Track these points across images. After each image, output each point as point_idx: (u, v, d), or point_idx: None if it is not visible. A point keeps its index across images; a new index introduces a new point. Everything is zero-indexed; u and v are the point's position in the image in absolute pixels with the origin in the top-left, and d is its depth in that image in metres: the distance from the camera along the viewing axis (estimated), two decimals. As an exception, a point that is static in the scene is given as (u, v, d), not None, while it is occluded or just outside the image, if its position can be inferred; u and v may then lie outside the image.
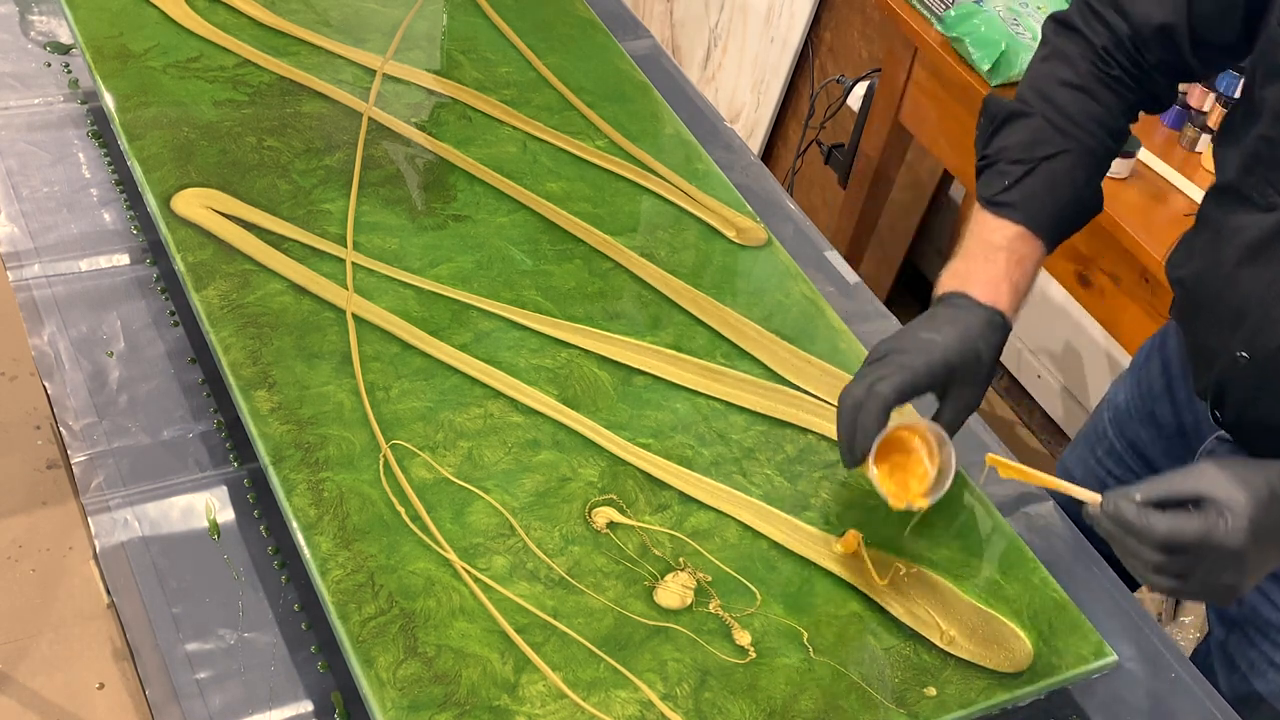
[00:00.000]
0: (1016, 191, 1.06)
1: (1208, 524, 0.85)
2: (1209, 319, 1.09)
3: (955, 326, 1.01)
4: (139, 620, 0.96)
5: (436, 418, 1.06)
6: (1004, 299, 1.04)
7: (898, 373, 0.97)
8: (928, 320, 1.02)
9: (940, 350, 0.99)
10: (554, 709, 0.89)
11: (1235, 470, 0.88)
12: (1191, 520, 0.86)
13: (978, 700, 0.96)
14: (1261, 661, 1.18)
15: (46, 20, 1.49)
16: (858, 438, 0.97)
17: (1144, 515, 0.87)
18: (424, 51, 1.46)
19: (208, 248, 1.16)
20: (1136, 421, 1.30)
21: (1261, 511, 0.86)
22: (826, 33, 2.59)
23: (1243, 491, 0.86)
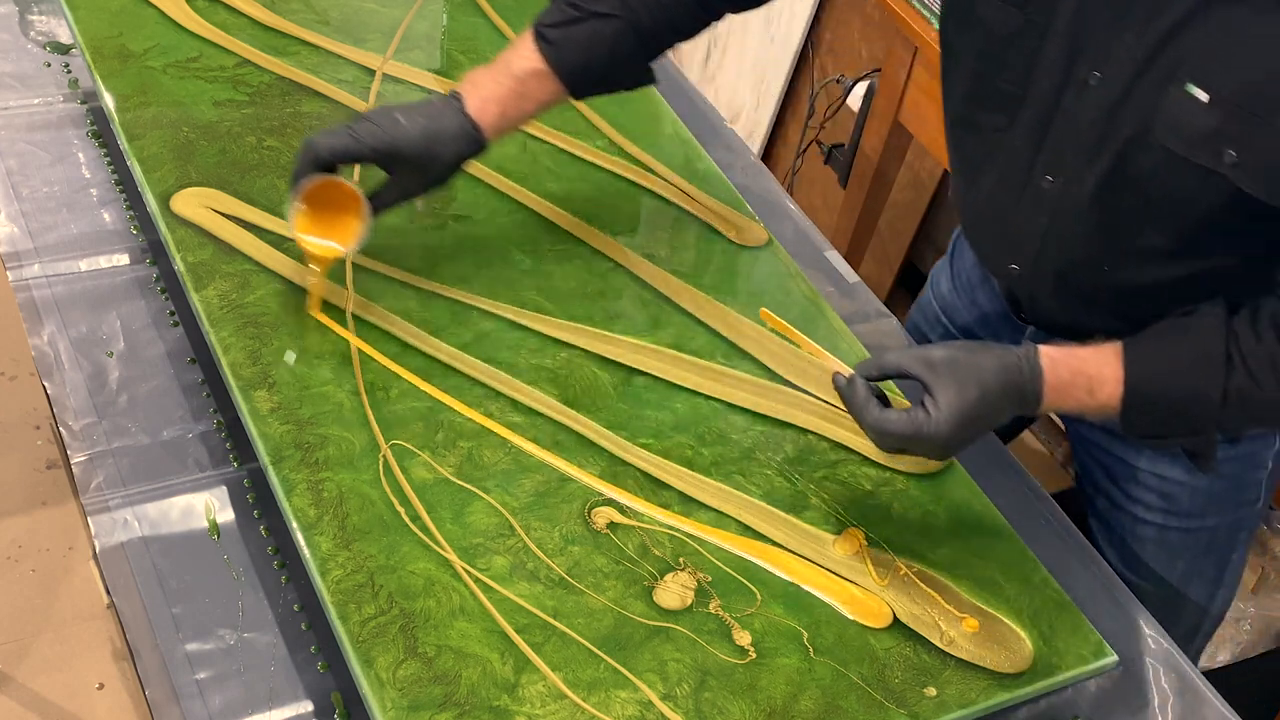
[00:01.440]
0: (558, 32, 1.12)
1: (915, 422, 0.94)
2: (979, 236, 1.19)
3: (430, 121, 1.09)
4: (139, 620, 0.96)
5: (436, 418, 1.06)
6: (490, 118, 1.11)
7: (343, 135, 1.07)
8: (416, 104, 1.10)
9: (399, 132, 1.07)
10: (554, 709, 0.89)
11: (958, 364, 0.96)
12: (901, 417, 0.95)
13: (978, 700, 0.96)
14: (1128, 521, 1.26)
15: (46, 20, 1.49)
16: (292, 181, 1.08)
17: (866, 404, 0.96)
18: (424, 51, 1.46)
19: (207, 248, 1.16)
20: (963, 308, 1.35)
21: (967, 408, 0.94)
22: (826, 33, 2.59)
23: (953, 389, 0.94)
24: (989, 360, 0.97)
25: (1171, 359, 0.99)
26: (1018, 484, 1.22)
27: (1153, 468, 1.23)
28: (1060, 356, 0.99)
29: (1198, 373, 0.98)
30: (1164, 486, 1.24)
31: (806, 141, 2.64)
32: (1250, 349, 0.97)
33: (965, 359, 0.96)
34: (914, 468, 1.12)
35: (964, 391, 0.95)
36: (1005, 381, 0.96)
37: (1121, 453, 1.25)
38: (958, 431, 0.95)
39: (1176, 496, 1.24)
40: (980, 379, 0.95)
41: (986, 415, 0.96)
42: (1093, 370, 0.99)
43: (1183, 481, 1.22)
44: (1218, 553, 1.29)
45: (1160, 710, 1.07)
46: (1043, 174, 1.05)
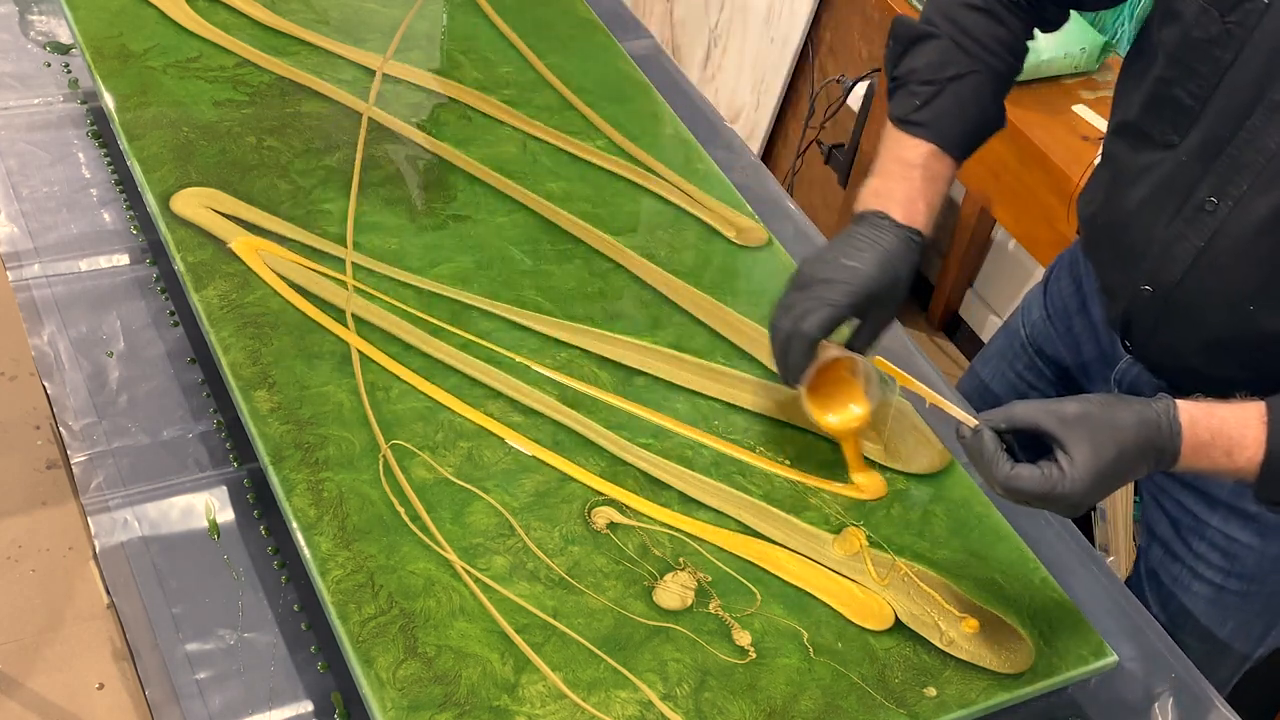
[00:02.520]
0: (927, 111, 1.11)
1: (1049, 481, 0.90)
2: (1114, 254, 1.14)
3: (875, 251, 1.05)
4: (139, 620, 0.96)
5: (436, 418, 1.06)
6: (920, 217, 1.09)
7: (821, 308, 1.02)
8: (848, 242, 1.06)
9: (862, 278, 1.04)
10: (554, 709, 0.89)
11: (1094, 421, 0.91)
12: (1034, 474, 0.90)
13: (978, 700, 0.96)
14: (1185, 575, 1.23)
15: (46, 20, 1.49)
16: (789, 375, 1.05)
17: (996, 459, 0.92)
18: (424, 51, 1.46)
19: (207, 248, 1.16)
20: (1054, 338, 1.32)
21: (1104, 468, 0.90)
22: (826, 33, 2.59)
23: (1090, 448, 0.90)
24: (1128, 417, 0.92)
25: None
26: (1018, 484, 1.22)
27: (1224, 527, 1.19)
28: (1200, 415, 0.94)
29: None
30: (1231, 548, 1.20)
31: (806, 141, 2.64)
32: None
33: (1101, 415, 0.92)
34: (914, 468, 1.12)
35: (1101, 450, 0.90)
36: (1143, 439, 0.92)
37: (1194, 507, 1.21)
38: (1093, 491, 0.91)
39: (1242, 559, 1.20)
40: (1118, 437, 0.91)
41: (1122, 474, 0.92)
42: (1234, 432, 0.94)
43: (1253, 546, 1.19)
44: (1270, 614, 1.26)
45: (1160, 710, 1.07)
46: (1207, 195, 1.01)
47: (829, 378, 1.07)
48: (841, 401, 1.09)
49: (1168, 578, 1.26)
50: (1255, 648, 1.29)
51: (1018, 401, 0.95)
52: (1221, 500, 1.18)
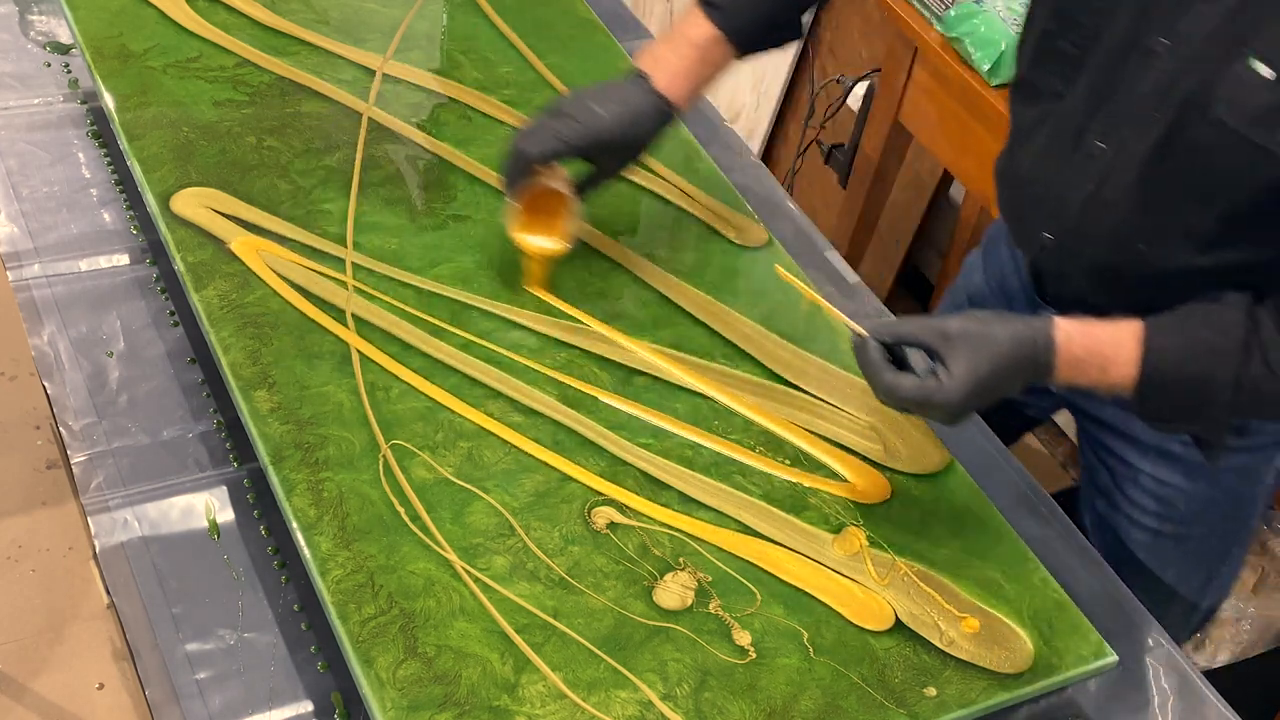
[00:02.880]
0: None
1: (925, 390, 0.96)
2: (1020, 206, 1.18)
3: (625, 106, 1.13)
4: (139, 620, 0.96)
5: (436, 418, 1.06)
6: (680, 92, 1.16)
7: (549, 139, 1.11)
8: (605, 90, 1.14)
9: (598, 126, 1.12)
10: (554, 709, 0.89)
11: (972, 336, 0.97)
12: (913, 383, 0.97)
13: (978, 700, 0.96)
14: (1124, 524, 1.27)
15: (46, 20, 1.49)
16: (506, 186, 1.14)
17: (880, 366, 0.98)
18: (424, 51, 1.46)
19: (207, 248, 1.16)
20: (989, 296, 1.35)
21: (980, 379, 0.96)
22: (826, 33, 2.59)
23: (967, 360, 0.96)
24: (1004, 333, 0.97)
25: (1189, 343, 0.98)
26: (1018, 484, 1.22)
27: (1155, 472, 1.23)
28: (1076, 332, 0.99)
29: (1214, 358, 0.97)
30: (1163, 491, 1.24)
31: (806, 141, 2.64)
32: (1270, 338, 0.97)
33: (979, 331, 0.97)
34: (914, 468, 1.12)
35: (977, 364, 0.96)
36: (1019, 354, 0.97)
37: (1126, 454, 1.25)
38: (967, 400, 0.96)
39: (1174, 502, 1.24)
40: (994, 352, 0.97)
41: (998, 386, 0.97)
42: (1108, 350, 0.99)
43: (1182, 489, 1.22)
44: (1208, 564, 1.29)
45: (1160, 710, 1.07)
46: (1094, 139, 1.05)
47: (545, 206, 1.16)
48: (545, 229, 1.17)
49: (1110, 527, 1.29)
50: (1201, 596, 1.32)
51: (907, 317, 1.01)
52: (1151, 445, 1.22)
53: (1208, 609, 1.35)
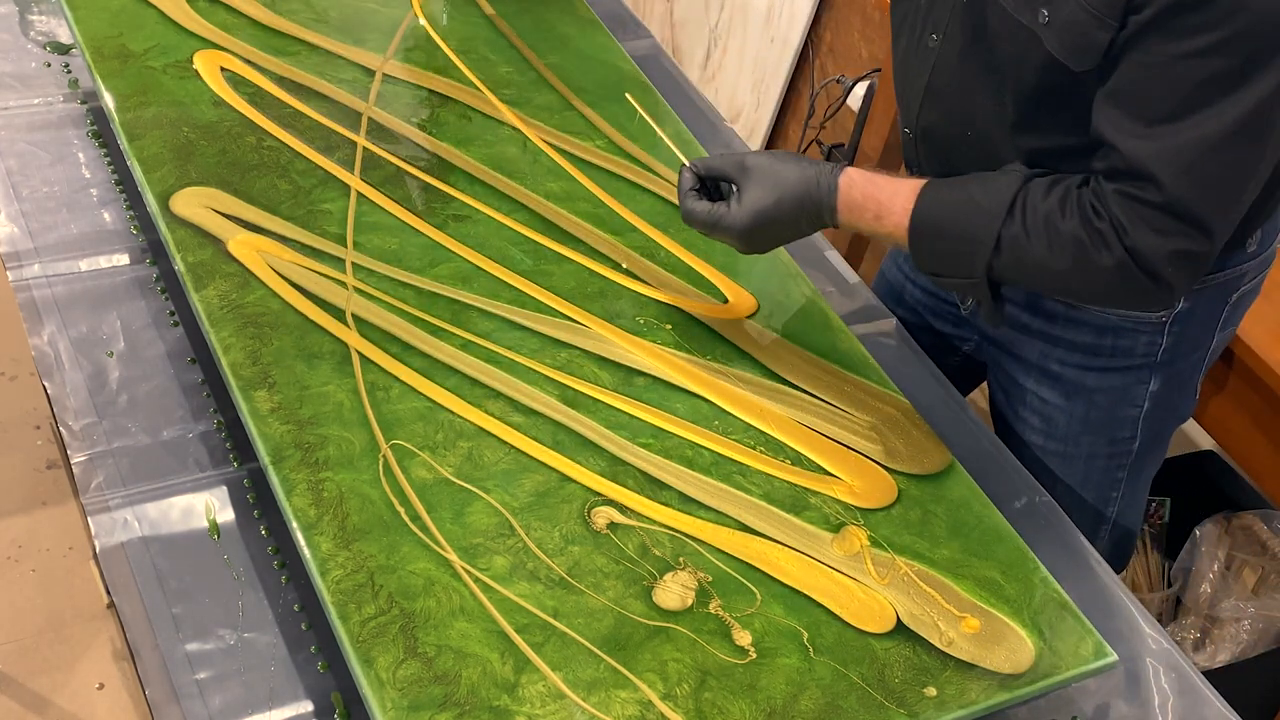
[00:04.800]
0: None
1: (715, 214, 1.10)
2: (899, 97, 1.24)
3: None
4: (139, 620, 0.96)
5: (436, 418, 1.06)
6: None
7: None
8: None
9: None
10: (554, 709, 0.89)
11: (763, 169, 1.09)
12: (705, 208, 1.11)
13: (978, 700, 0.96)
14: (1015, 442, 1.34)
15: (46, 20, 1.49)
16: None
17: (686, 191, 1.13)
18: (424, 51, 1.46)
19: (207, 248, 1.16)
20: None
21: (763, 210, 1.08)
22: (826, 33, 2.59)
23: (755, 191, 1.09)
24: (792, 171, 1.09)
25: (959, 200, 1.05)
26: (1018, 484, 1.22)
27: (1037, 390, 1.29)
28: (860, 179, 1.08)
29: (979, 216, 1.04)
30: (1044, 409, 1.29)
31: (806, 141, 2.64)
32: (1034, 204, 1.02)
33: (772, 166, 1.09)
34: (914, 468, 1.12)
35: (763, 194, 1.08)
36: (801, 191, 1.08)
37: (1015, 373, 1.31)
38: (752, 228, 1.09)
39: (1054, 419, 1.29)
40: (780, 185, 1.08)
41: (782, 219, 1.09)
42: (884, 198, 1.08)
43: (1060, 406, 1.28)
44: (1094, 489, 1.34)
45: (1160, 710, 1.07)
46: (930, 33, 1.12)
47: None
48: None
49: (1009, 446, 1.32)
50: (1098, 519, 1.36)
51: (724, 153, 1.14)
52: (1035, 365, 1.28)
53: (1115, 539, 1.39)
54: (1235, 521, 1.78)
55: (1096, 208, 1.00)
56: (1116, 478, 1.34)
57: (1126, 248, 0.99)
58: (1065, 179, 1.04)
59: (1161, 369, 1.24)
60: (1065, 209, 1.01)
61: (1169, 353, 1.23)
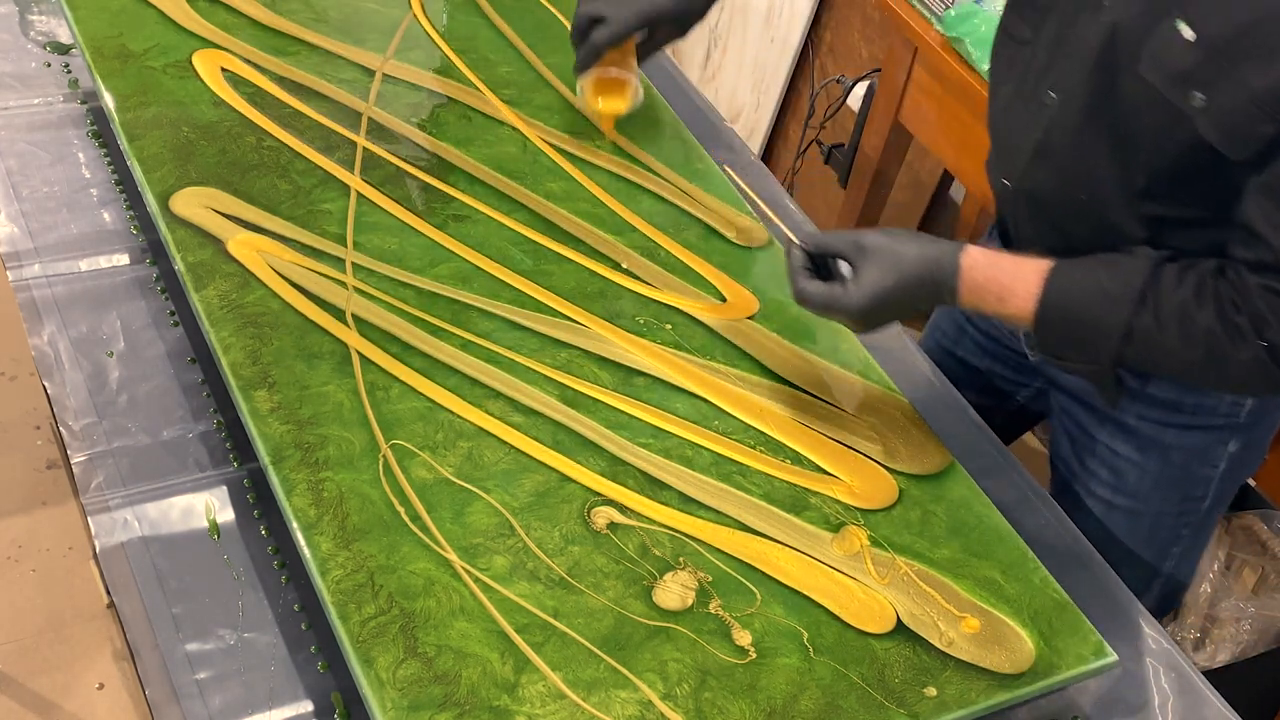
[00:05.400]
0: None
1: (832, 296, 1.06)
2: (993, 153, 1.22)
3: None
4: (139, 620, 0.96)
5: (436, 418, 1.06)
6: None
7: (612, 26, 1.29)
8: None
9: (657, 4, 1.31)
10: (554, 709, 0.89)
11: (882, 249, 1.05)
12: (820, 289, 1.06)
13: (978, 700, 0.96)
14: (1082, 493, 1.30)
15: (46, 20, 1.49)
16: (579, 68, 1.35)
17: (797, 270, 1.08)
18: (424, 51, 1.46)
19: (207, 248, 1.16)
20: None
21: (882, 292, 1.04)
22: (826, 33, 2.59)
23: (874, 272, 1.04)
24: (912, 251, 1.05)
25: (1088, 286, 1.03)
26: (1018, 484, 1.22)
27: (1110, 443, 1.26)
28: (982, 262, 1.05)
29: (1110, 303, 1.02)
30: (1115, 462, 1.26)
31: (806, 141, 2.64)
32: (1167, 293, 1.00)
33: (890, 245, 1.05)
34: (914, 468, 1.12)
35: (882, 275, 1.04)
36: (924, 272, 1.04)
37: (1085, 422, 1.28)
38: (870, 308, 1.05)
39: (1125, 474, 1.26)
40: (900, 266, 1.04)
41: (902, 301, 1.05)
42: (1008, 281, 1.05)
43: (1134, 461, 1.25)
44: (1157, 545, 1.31)
45: (1160, 710, 1.07)
46: (1048, 88, 1.08)
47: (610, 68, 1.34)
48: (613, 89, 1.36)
49: (1070, 498, 1.31)
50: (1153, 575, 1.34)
51: (834, 231, 1.10)
52: (1108, 416, 1.24)
53: (1165, 592, 1.36)
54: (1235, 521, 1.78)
55: (1236, 301, 0.97)
56: (1180, 534, 1.31)
57: (1266, 342, 0.96)
58: (1197, 265, 1.01)
59: (1243, 431, 1.21)
60: (1200, 299, 0.99)
61: (1252, 415, 1.20)
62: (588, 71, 1.34)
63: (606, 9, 1.28)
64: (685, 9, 1.32)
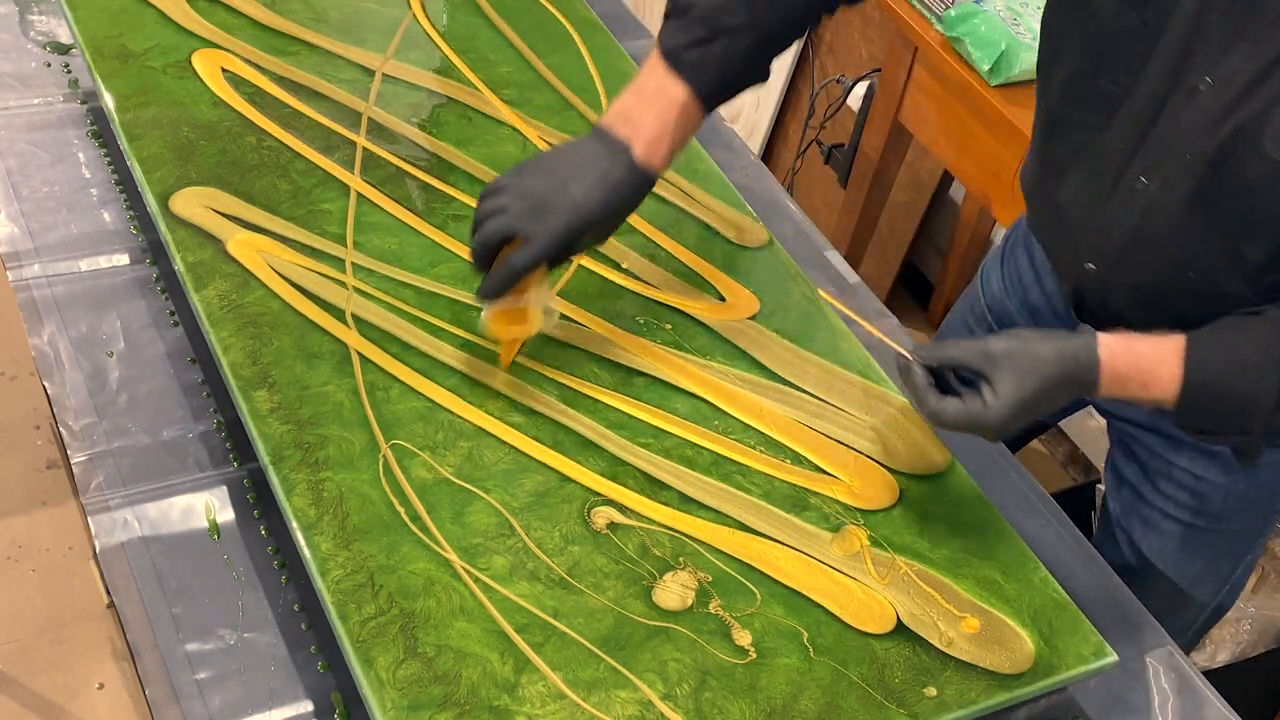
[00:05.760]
0: (695, 54, 1.06)
1: (972, 413, 0.98)
2: (1056, 236, 1.18)
3: (605, 185, 1.04)
4: (139, 620, 0.96)
5: (436, 418, 1.06)
6: (660, 159, 1.06)
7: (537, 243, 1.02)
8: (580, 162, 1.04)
9: (585, 215, 1.03)
10: (554, 709, 0.89)
11: (1017, 357, 0.98)
12: (958, 407, 0.98)
13: (978, 700, 0.96)
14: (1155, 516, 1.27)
15: (46, 20, 1.49)
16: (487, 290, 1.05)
17: (925, 391, 1.00)
18: (424, 51, 1.46)
19: (207, 248, 1.16)
20: (1013, 310, 1.34)
21: (1025, 399, 0.97)
22: (826, 33, 2.59)
23: (1012, 382, 0.97)
24: (1049, 352, 0.98)
25: (1230, 361, 1.00)
26: (1018, 484, 1.22)
27: (1191, 466, 1.23)
28: (1120, 350, 1.00)
29: (1254, 375, 0.99)
30: (1199, 486, 1.23)
31: (806, 141, 2.64)
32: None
33: (1024, 351, 0.98)
34: (914, 468, 1.12)
35: (1022, 384, 0.97)
36: (1063, 373, 0.98)
37: (1161, 450, 1.24)
38: (1013, 419, 0.98)
39: (1209, 497, 1.23)
40: (1040, 371, 0.98)
41: (1042, 403, 0.99)
42: (1149, 366, 1.00)
43: (1219, 484, 1.22)
44: (1235, 556, 1.30)
45: (1160, 710, 1.07)
46: (1138, 175, 1.05)
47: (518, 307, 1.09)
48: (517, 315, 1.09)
49: (1137, 520, 1.29)
50: (1219, 589, 1.32)
51: (950, 340, 1.01)
52: (1186, 441, 1.21)
53: (1226, 602, 1.35)
54: (1235, 521, 1.78)
55: None
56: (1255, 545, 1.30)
57: None
58: None
59: None
60: None
61: None
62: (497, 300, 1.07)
63: (521, 224, 1.03)
64: (615, 210, 1.07)
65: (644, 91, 1.07)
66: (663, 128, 1.06)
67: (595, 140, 1.06)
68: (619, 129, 1.06)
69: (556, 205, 1.03)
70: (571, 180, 1.04)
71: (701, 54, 1.06)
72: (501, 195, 1.05)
